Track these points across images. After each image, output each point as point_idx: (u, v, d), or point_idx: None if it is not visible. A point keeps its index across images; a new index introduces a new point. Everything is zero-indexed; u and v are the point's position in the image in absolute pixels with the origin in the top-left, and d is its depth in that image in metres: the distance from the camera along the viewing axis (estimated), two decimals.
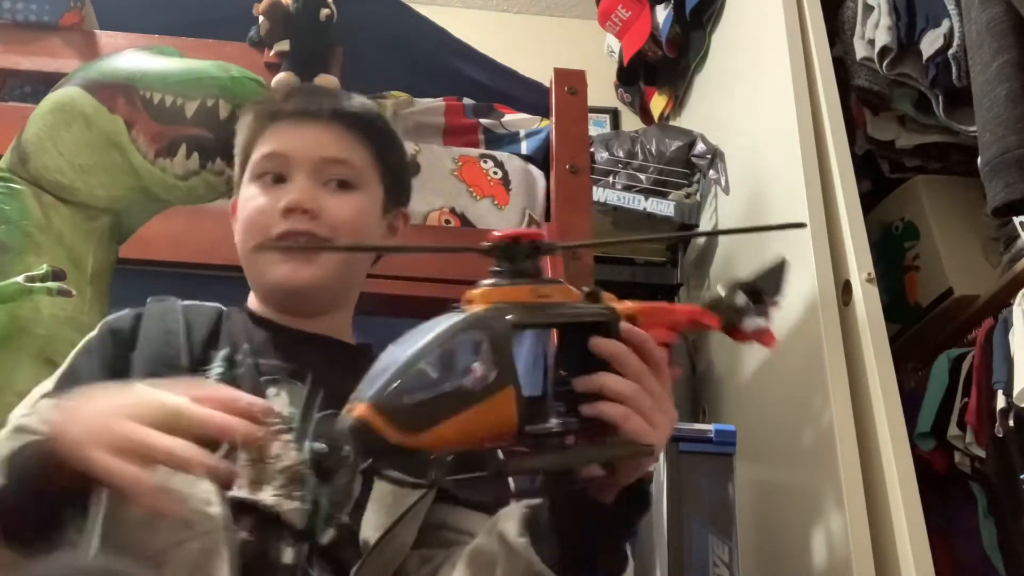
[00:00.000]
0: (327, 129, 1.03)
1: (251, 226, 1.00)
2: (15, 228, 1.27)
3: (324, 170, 1.01)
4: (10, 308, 1.19)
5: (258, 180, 1.02)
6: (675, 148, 2.17)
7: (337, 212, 0.99)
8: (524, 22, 3.59)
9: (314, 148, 1.02)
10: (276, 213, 0.98)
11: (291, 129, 1.03)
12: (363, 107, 1.09)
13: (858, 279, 1.51)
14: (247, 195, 1.02)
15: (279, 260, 0.99)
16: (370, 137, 1.05)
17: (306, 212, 0.97)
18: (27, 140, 1.35)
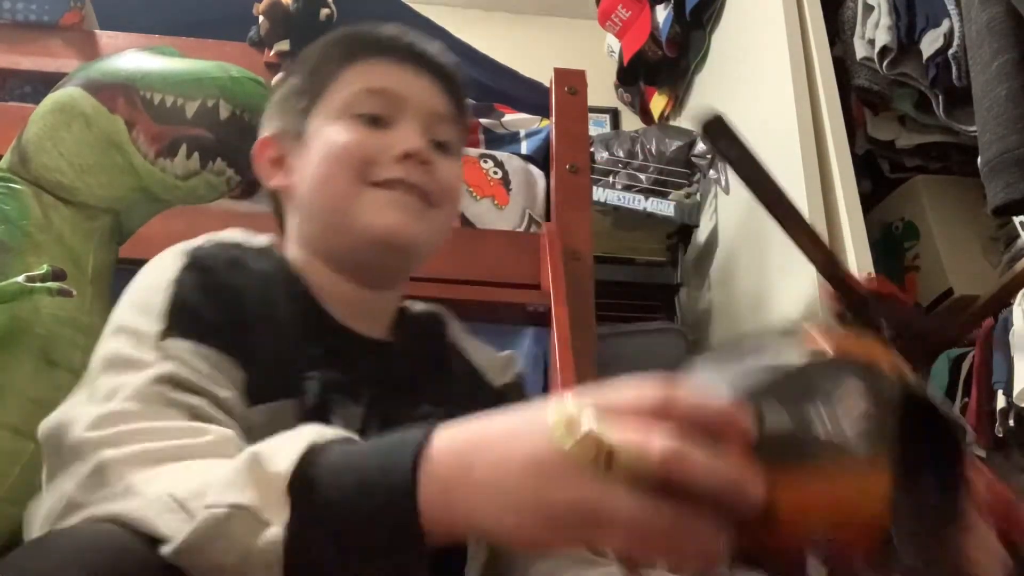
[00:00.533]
0: (435, 81, 0.89)
1: (345, 160, 0.83)
2: (15, 228, 1.27)
3: (434, 126, 0.87)
4: (10, 308, 1.18)
5: (350, 118, 0.85)
6: (675, 148, 2.17)
7: (446, 175, 0.87)
8: (524, 22, 3.59)
9: (428, 96, 0.88)
10: (386, 154, 0.83)
11: (400, 69, 0.88)
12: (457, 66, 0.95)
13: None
14: (335, 131, 0.85)
15: (386, 206, 0.82)
16: (460, 102, 0.93)
17: (425, 163, 0.84)
18: (27, 140, 1.35)
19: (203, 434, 0.62)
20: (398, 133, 0.84)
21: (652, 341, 1.98)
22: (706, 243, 2.16)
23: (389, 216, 0.82)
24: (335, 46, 0.91)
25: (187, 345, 0.70)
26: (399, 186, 0.83)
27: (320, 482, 0.51)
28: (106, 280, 1.36)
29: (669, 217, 2.08)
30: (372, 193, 0.82)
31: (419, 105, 0.86)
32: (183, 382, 0.67)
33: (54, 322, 1.23)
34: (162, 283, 0.75)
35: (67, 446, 0.64)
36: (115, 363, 0.70)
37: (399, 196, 0.83)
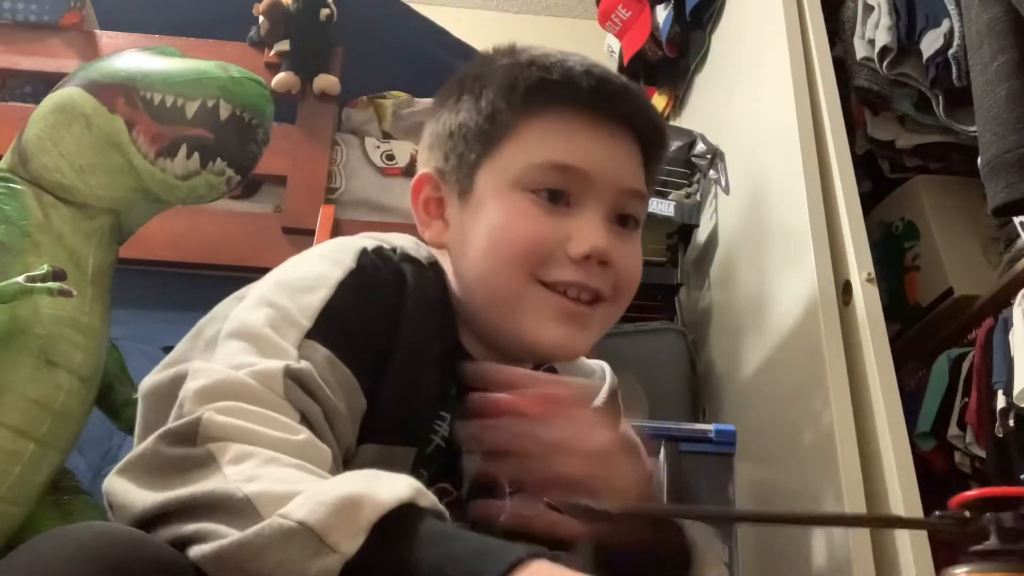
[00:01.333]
0: (631, 144, 0.80)
1: (522, 255, 0.76)
2: (15, 228, 1.27)
3: (620, 204, 0.79)
4: (10, 308, 1.18)
5: (530, 193, 0.77)
6: (675, 148, 2.17)
7: (625, 264, 0.79)
8: (524, 22, 3.60)
9: (619, 172, 0.78)
10: (561, 251, 0.75)
11: (592, 133, 0.78)
12: (656, 112, 0.86)
13: (858, 279, 1.51)
14: (512, 206, 0.77)
15: (552, 318, 0.76)
16: (658, 157, 0.84)
17: (603, 264, 0.76)
18: (27, 140, 1.35)
19: (298, 433, 0.62)
20: (580, 221, 0.76)
21: (652, 341, 1.98)
22: (706, 243, 2.16)
23: (556, 331, 0.76)
24: (513, 85, 0.79)
25: (326, 353, 0.69)
26: (572, 289, 0.76)
27: (405, 538, 0.53)
28: (106, 280, 1.36)
29: (669, 217, 2.08)
30: (542, 295, 0.76)
31: (609, 184, 0.78)
32: (309, 385, 0.66)
33: (54, 322, 1.23)
34: (329, 279, 0.73)
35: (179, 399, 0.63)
36: (251, 337, 0.69)
37: (570, 305, 0.76)
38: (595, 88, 0.78)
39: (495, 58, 0.83)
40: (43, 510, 1.28)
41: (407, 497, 0.54)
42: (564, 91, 0.78)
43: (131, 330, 1.63)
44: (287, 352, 0.67)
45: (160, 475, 0.59)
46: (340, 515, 0.52)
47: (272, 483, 0.56)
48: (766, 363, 1.73)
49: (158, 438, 0.60)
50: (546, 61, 0.79)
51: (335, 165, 1.98)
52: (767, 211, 1.85)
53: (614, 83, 0.80)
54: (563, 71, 0.78)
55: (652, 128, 0.82)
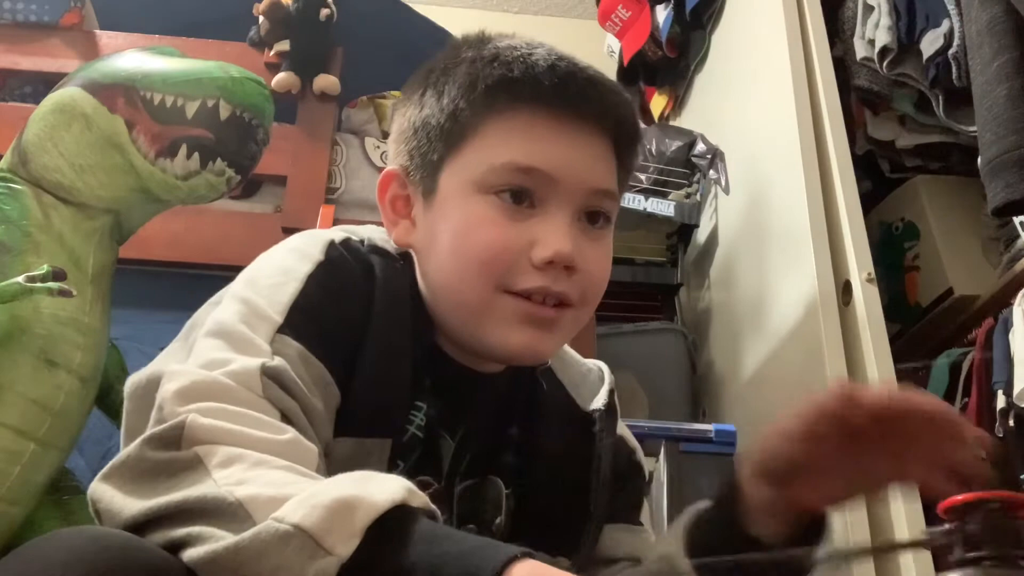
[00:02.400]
0: (599, 141, 0.77)
1: (486, 265, 0.74)
2: (15, 228, 1.27)
3: (588, 203, 0.76)
4: (10, 308, 1.18)
5: (493, 194, 0.74)
6: (675, 148, 2.17)
7: (593, 267, 0.76)
8: (524, 22, 3.59)
9: (586, 172, 0.75)
10: (525, 257, 0.73)
11: (556, 132, 0.75)
12: (629, 103, 0.82)
13: (858, 279, 1.51)
14: (475, 212, 0.74)
15: (517, 323, 0.74)
16: (630, 150, 0.81)
17: (568, 269, 0.74)
18: (27, 140, 1.35)
19: (283, 432, 0.62)
20: (544, 225, 0.74)
21: (652, 341, 1.98)
22: (706, 243, 2.17)
23: (521, 336, 0.74)
24: (474, 83, 0.76)
25: (299, 348, 0.69)
26: (537, 294, 0.74)
27: (400, 539, 0.53)
28: (106, 280, 1.36)
29: (669, 217, 2.08)
30: (505, 302, 0.74)
31: (575, 185, 0.75)
32: (285, 382, 0.66)
33: (54, 322, 1.23)
34: (297, 273, 0.73)
35: (157, 402, 0.63)
36: (224, 334, 0.69)
37: (534, 310, 0.74)
38: (559, 84, 0.75)
39: (461, 50, 0.80)
40: (43, 510, 1.28)
41: (400, 498, 0.54)
42: (526, 89, 0.75)
43: (131, 330, 1.63)
44: (260, 348, 0.67)
45: (147, 481, 0.58)
46: (335, 518, 0.52)
47: (263, 486, 0.55)
48: (766, 363, 1.73)
49: (142, 443, 0.60)
50: (509, 56, 0.76)
51: (335, 165, 1.98)
52: (767, 211, 1.85)
53: (580, 78, 0.76)
54: (525, 68, 0.75)
55: (623, 123, 0.80)
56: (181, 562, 0.54)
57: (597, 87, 0.78)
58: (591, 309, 0.79)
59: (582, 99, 0.76)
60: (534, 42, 0.79)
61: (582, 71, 0.77)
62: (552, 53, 0.77)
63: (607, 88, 0.79)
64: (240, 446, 0.59)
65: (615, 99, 0.79)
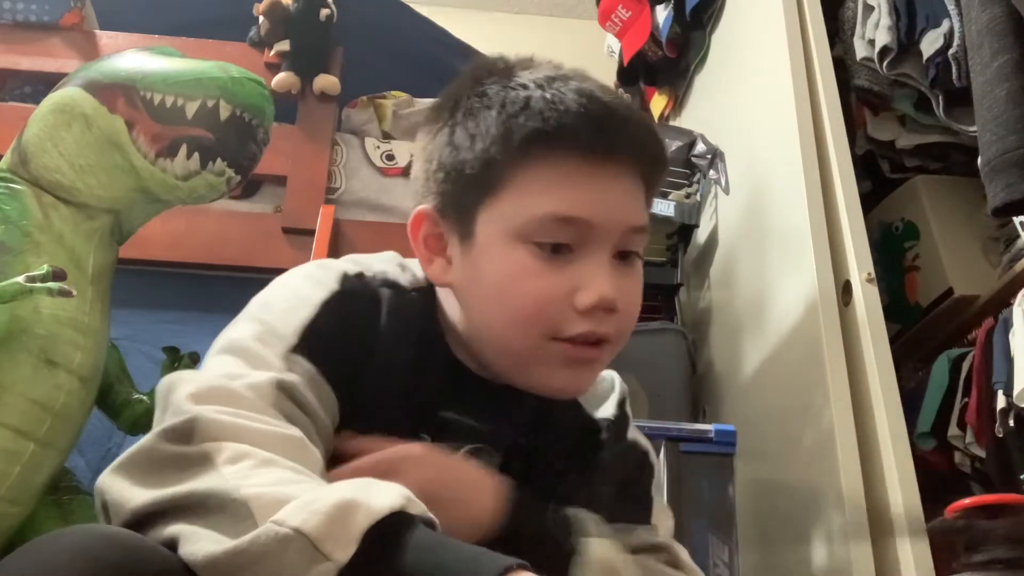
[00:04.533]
0: (630, 179, 0.78)
1: (533, 319, 0.75)
2: (15, 228, 1.27)
3: (625, 242, 0.78)
4: (10, 308, 1.18)
5: (534, 243, 0.75)
6: (675, 148, 2.17)
7: (631, 304, 0.78)
8: (524, 22, 3.59)
9: (621, 214, 0.77)
10: (568, 304, 0.75)
11: (591, 177, 0.75)
12: (656, 136, 0.82)
13: (858, 279, 1.51)
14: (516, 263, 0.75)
15: (562, 365, 0.76)
16: (655, 180, 0.82)
17: (610, 311, 0.75)
18: (27, 140, 1.35)
19: (292, 431, 0.64)
20: (585, 269, 0.75)
21: (652, 341, 1.98)
22: (706, 243, 2.17)
23: (563, 377, 0.77)
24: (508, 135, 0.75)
25: (311, 368, 0.71)
26: (583, 342, 0.76)
27: (397, 546, 0.54)
28: (106, 280, 1.36)
29: (669, 217, 2.08)
30: (551, 348, 0.76)
31: (614, 228, 0.76)
32: (298, 397, 0.68)
33: (54, 322, 1.23)
34: (313, 299, 0.75)
35: (170, 403, 0.65)
36: (239, 351, 0.71)
37: (578, 353, 0.76)
38: (594, 131, 0.75)
39: (485, 83, 0.79)
40: (43, 510, 1.28)
41: (398, 504, 0.55)
42: (563, 140, 0.75)
43: (131, 330, 1.63)
44: (273, 364, 0.70)
45: (156, 472, 0.59)
46: (334, 523, 0.53)
47: (268, 485, 0.56)
48: (766, 363, 1.73)
49: (156, 435, 0.61)
50: (540, 105, 0.75)
51: (335, 165, 1.98)
52: (767, 211, 1.85)
53: (614, 120, 0.77)
54: (558, 116, 0.75)
55: (655, 159, 0.81)
56: (183, 562, 0.54)
57: (630, 127, 0.78)
58: (626, 339, 0.81)
59: (617, 142, 0.76)
60: (559, 74, 0.79)
61: (614, 112, 0.77)
62: (582, 93, 0.76)
63: (639, 126, 0.79)
64: (250, 441, 0.60)
65: (646, 136, 0.80)
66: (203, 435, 0.60)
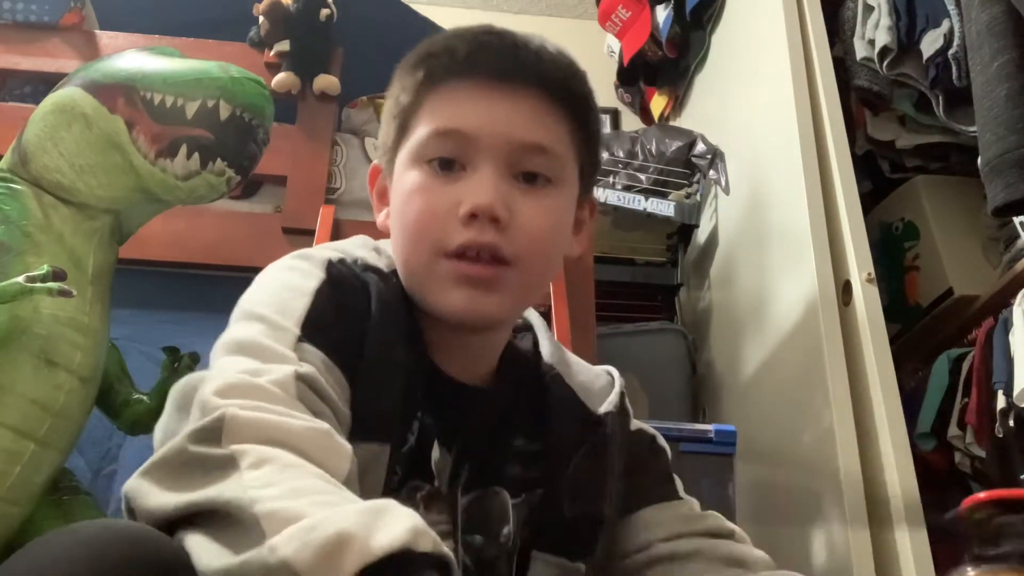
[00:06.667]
0: (525, 99, 0.78)
1: (421, 233, 0.76)
2: (15, 228, 1.27)
3: (517, 159, 0.77)
4: (10, 308, 1.18)
5: (424, 164, 0.77)
6: (675, 148, 2.17)
7: (529, 222, 0.76)
8: (524, 22, 3.59)
9: (507, 128, 0.77)
10: (453, 217, 0.75)
11: (475, 96, 0.77)
12: (569, 66, 0.82)
13: (858, 279, 1.51)
14: (410, 183, 0.78)
15: (454, 284, 0.75)
16: (574, 109, 0.80)
17: (495, 220, 0.74)
18: (27, 140, 1.35)
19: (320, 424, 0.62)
20: (469, 183, 0.75)
21: (652, 341, 1.98)
22: (706, 243, 2.17)
23: (455, 298, 0.76)
24: (419, 66, 0.80)
25: (320, 355, 0.70)
26: (468, 253, 0.75)
27: None
28: (106, 280, 1.36)
29: (669, 217, 2.08)
30: (442, 265, 0.76)
31: (495, 141, 0.76)
32: (318, 388, 0.67)
33: (54, 322, 1.23)
34: (305, 289, 0.74)
35: (196, 402, 0.63)
36: (249, 349, 0.69)
37: (467, 268, 0.75)
38: (473, 53, 0.78)
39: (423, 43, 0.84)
40: (43, 510, 1.28)
41: (401, 543, 0.50)
42: (447, 64, 0.79)
43: (131, 330, 1.63)
44: (288, 357, 0.68)
45: (183, 476, 0.58)
46: (324, 559, 0.49)
47: (284, 499, 0.54)
48: (766, 363, 1.73)
49: (185, 437, 0.59)
50: (439, 46, 0.80)
51: (335, 165, 1.98)
52: (767, 211, 1.85)
53: (497, 44, 0.79)
54: (445, 44, 0.80)
55: (560, 82, 0.79)
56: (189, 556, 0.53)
57: (518, 50, 0.79)
58: (539, 271, 0.79)
59: (499, 63, 0.78)
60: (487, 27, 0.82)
61: (511, 40, 0.80)
62: (482, 30, 0.80)
63: (530, 49, 0.80)
64: (278, 438, 0.59)
65: (551, 62, 0.80)
66: (231, 435, 0.58)
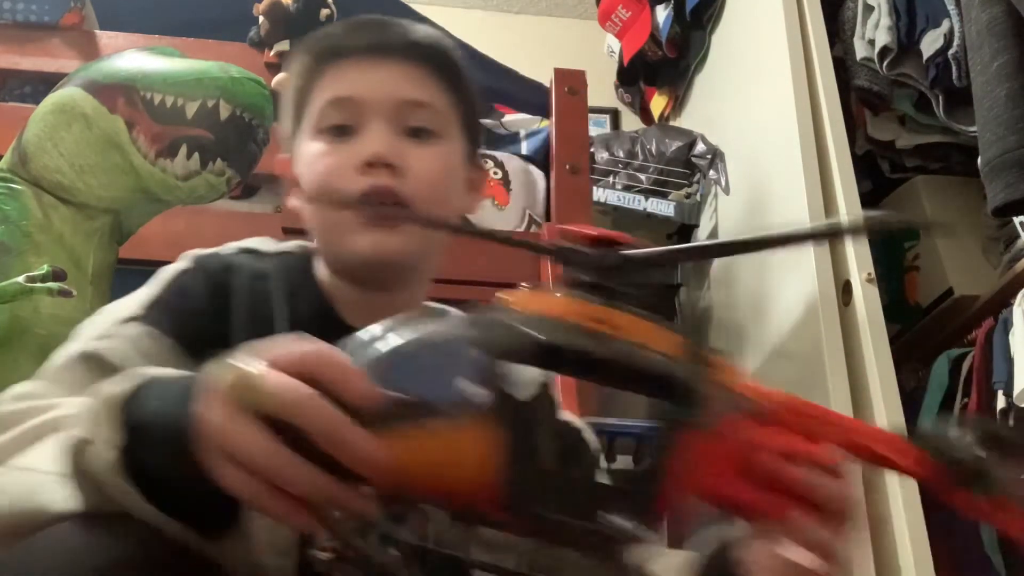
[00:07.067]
0: (401, 66, 0.87)
1: (324, 188, 0.85)
2: (15, 228, 1.27)
3: (403, 116, 0.86)
4: (10, 308, 1.18)
5: (323, 134, 0.86)
6: (675, 148, 2.17)
7: (421, 167, 0.84)
8: (524, 22, 3.59)
9: (390, 89, 0.86)
10: (352, 169, 0.83)
11: (358, 69, 0.87)
12: (437, 39, 0.92)
13: (858, 279, 1.51)
14: (311, 152, 0.86)
15: (361, 229, 0.83)
16: (448, 75, 0.90)
17: (389, 166, 0.83)
18: (27, 141, 1.35)
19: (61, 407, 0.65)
20: (363, 140, 0.84)
21: None
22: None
23: (362, 241, 0.83)
24: (308, 55, 0.90)
25: (144, 329, 0.75)
26: (370, 198, 0.82)
27: (141, 404, 0.54)
28: (106, 280, 1.36)
29: (669, 217, 2.08)
30: (347, 215, 0.84)
31: (381, 101, 0.85)
32: (103, 360, 0.71)
33: (54, 322, 1.23)
34: (161, 278, 0.82)
35: None
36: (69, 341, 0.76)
37: (369, 212, 0.83)
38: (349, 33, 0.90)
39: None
40: None
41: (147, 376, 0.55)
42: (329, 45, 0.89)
43: None
44: (87, 338, 0.74)
45: None
46: (102, 418, 0.53)
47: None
48: (766, 363, 1.73)
49: None
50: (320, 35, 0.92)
51: None
52: (767, 211, 1.85)
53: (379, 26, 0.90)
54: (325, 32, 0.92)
55: (424, 49, 0.89)
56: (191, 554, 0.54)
57: (387, 27, 0.90)
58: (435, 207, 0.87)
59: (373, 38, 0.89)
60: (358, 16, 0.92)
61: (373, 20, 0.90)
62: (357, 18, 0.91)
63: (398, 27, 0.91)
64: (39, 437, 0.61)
65: (405, 32, 0.90)
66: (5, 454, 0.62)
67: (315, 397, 0.46)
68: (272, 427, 0.46)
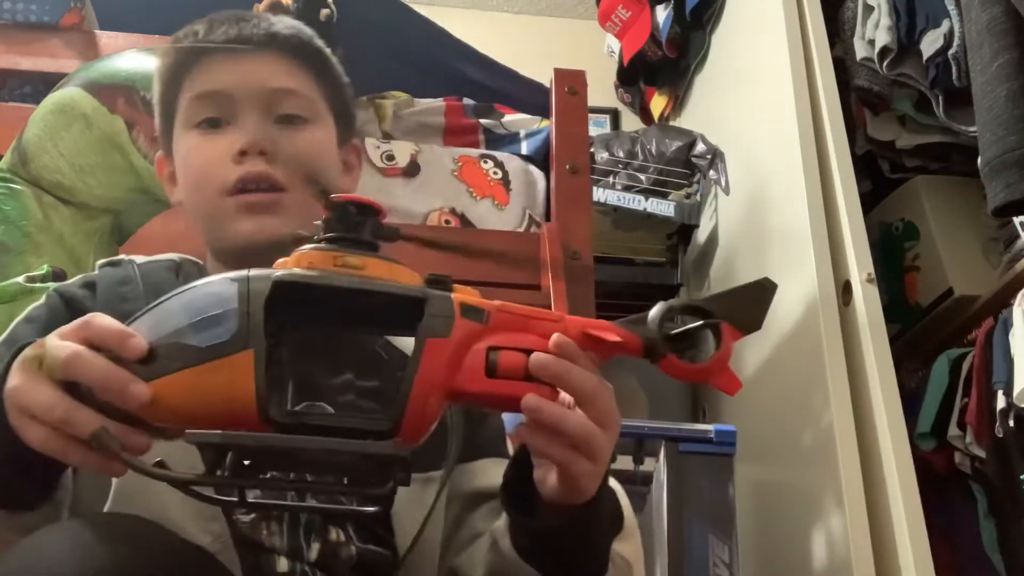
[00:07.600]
0: (265, 58, 0.91)
1: (202, 182, 0.88)
2: (15, 228, 1.28)
3: (272, 104, 0.89)
4: (10, 308, 1.19)
5: (196, 128, 0.89)
6: (675, 148, 2.17)
7: (295, 150, 0.88)
8: (524, 22, 3.59)
9: (258, 79, 0.90)
10: (228, 158, 0.86)
11: (224, 63, 0.90)
12: (297, 29, 0.96)
13: (858, 279, 1.51)
14: (187, 147, 0.90)
15: (241, 215, 0.86)
16: (311, 63, 0.94)
17: (263, 154, 0.86)
18: (27, 141, 1.35)
19: None
20: (236, 130, 0.88)
21: None
22: (706, 243, 2.17)
23: (243, 226, 0.86)
24: (172, 55, 0.94)
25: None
26: (247, 186, 0.86)
27: None
28: None
29: (669, 217, 2.08)
30: (228, 203, 0.86)
31: (250, 92, 0.89)
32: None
33: None
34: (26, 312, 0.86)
35: None
36: None
37: (247, 199, 0.86)
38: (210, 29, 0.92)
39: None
40: None
41: None
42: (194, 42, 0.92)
43: None
44: None
45: None
46: None
47: None
48: (766, 363, 1.73)
49: None
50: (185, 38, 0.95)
51: None
52: (767, 211, 1.85)
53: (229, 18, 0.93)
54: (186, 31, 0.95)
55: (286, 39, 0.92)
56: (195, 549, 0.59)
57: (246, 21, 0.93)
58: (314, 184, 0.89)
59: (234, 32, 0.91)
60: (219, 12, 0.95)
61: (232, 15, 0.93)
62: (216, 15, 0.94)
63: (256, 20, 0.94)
64: None
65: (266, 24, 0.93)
66: None
67: (85, 353, 0.55)
68: (65, 389, 0.55)
